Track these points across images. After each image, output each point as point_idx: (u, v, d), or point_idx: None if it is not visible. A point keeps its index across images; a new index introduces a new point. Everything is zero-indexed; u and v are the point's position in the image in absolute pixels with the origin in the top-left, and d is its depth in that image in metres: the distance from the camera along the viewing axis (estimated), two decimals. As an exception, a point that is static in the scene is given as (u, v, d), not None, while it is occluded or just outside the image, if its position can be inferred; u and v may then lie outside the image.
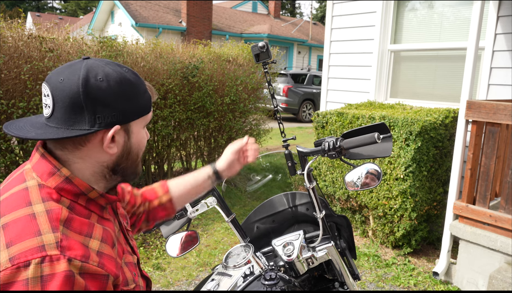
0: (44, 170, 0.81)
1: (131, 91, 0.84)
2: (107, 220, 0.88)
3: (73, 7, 45.50)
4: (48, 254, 0.69)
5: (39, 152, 0.84)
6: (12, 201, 0.77)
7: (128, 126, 0.85)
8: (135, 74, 0.87)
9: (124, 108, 0.82)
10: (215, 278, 1.32)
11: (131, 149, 0.88)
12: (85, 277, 0.72)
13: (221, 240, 3.72)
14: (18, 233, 0.71)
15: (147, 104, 0.88)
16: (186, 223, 1.42)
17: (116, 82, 0.81)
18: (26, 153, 3.56)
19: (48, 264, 0.68)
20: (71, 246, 0.73)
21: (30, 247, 0.69)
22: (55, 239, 0.71)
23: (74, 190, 0.81)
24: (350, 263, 1.56)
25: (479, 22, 2.82)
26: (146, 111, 0.88)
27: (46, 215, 0.74)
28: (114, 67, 0.83)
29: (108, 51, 4.01)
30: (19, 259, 0.68)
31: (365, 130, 1.24)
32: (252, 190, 1.69)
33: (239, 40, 11.48)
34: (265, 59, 1.37)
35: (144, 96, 0.87)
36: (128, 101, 0.83)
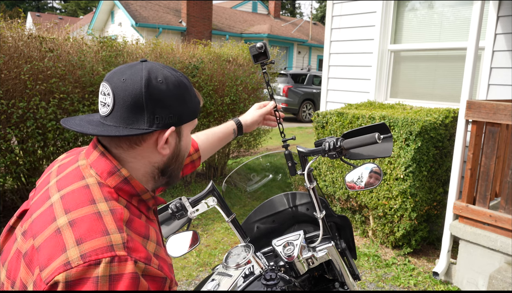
0: (104, 168, 0.82)
1: (186, 94, 0.87)
2: (152, 221, 0.90)
3: (73, 7, 45.49)
4: (117, 254, 0.70)
5: (98, 149, 0.85)
6: (75, 198, 0.78)
7: (180, 129, 0.88)
8: (188, 79, 0.90)
9: (179, 110, 0.85)
10: (215, 278, 1.32)
11: (180, 151, 0.91)
12: (147, 279, 0.73)
13: (221, 240, 3.72)
14: (87, 230, 0.72)
15: (197, 109, 0.91)
16: (186, 223, 1.42)
17: (174, 85, 0.84)
18: (26, 153, 3.56)
19: (117, 264, 0.69)
20: (136, 247, 0.74)
21: (100, 246, 0.70)
22: (122, 240, 0.72)
23: (130, 191, 0.83)
24: (350, 263, 1.56)
25: (479, 22, 2.82)
26: (196, 115, 0.91)
27: (111, 215, 0.76)
28: (171, 71, 0.86)
29: (108, 51, 4.01)
30: (90, 256, 0.69)
31: (366, 131, 1.24)
32: (252, 190, 1.69)
33: (239, 40, 11.50)
34: (264, 60, 1.37)
35: (195, 100, 0.91)
36: (184, 104, 0.86)
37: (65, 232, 0.72)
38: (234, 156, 5.91)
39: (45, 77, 3.51)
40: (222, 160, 5.64)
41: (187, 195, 4.81)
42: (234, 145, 5.69)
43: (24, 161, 3.59)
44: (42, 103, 3.42)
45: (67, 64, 3.66)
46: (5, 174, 3.53)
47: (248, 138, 5.77)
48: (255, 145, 5.88)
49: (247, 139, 5.75)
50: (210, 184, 1.40)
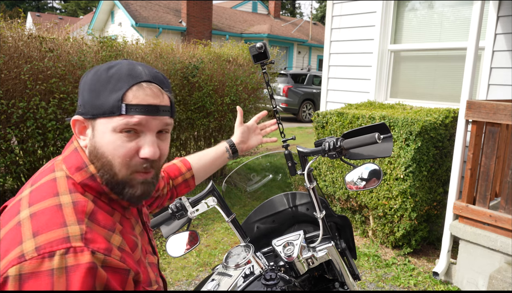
0: (73, 163, 0.83)
1: (99, 85, 0.81)
2: (128, 220, 0.89)
3: (73, 7, 45.49)
4: (72, 245, 0.70)
5: (73, 145, 0.86)
6: (41, 191, 0.79)
7: (94, 123, 0.81)
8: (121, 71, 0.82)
9: (88, 101, 0.81)
10: (215, 278, 1.32)
11: (95, 148, 0.82)
12: (107, 270, 0.73)
13: (221, 240, 3.72)
14: (45, 223, 0.72)
15: (112, 105, 0.79)
16: (186, 223, 1.42)
17: (92, 74, 0.83)
18: (26, 153, 3.56)
19: (73, 255, 0.69)
20: (95, 238, 0.74)
21: (56, 238, 0.70)
22: (80, 231, 0.72)
23: (97, 188, 0.82)
24: (350, 263, 1.56)
25: (479, 22, 2.82)
26: (108, 112, 0.79)
27: (72, 207, 0.76)
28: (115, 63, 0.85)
29: (108, 51, 4.01)
30: (44, 249, 0.69)
31: (366, 131, 1.24)
32: (252, 190, 1.69)
33: (239, 40, 11.50)
34: (263, 60, 1.37)
35: (111, 95, 0.79)
36: (92, 95, 0.81)
37: (24, 225, 0.73)
38: (234, 156, 5.90)
39: (45, 77, 3.51)
40: (222, 160, 5.64)
41: (187, 195, 4.81)
42: (234, 145, 5.68)
43: (24, 161, 3.58)
44: (42, 103, 3.41)
45: (67, 64, 3.66)
46: (5, 174, 3.52)
47: (248, 138, 5.76)
48: (255, 145, 5.87)
49: (247, 139, 5.74)
50: (210, 184, 1.40)
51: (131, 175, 0.82)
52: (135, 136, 0.82)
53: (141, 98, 0.80)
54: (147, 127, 0.82)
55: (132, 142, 0.81)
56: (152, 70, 0.86)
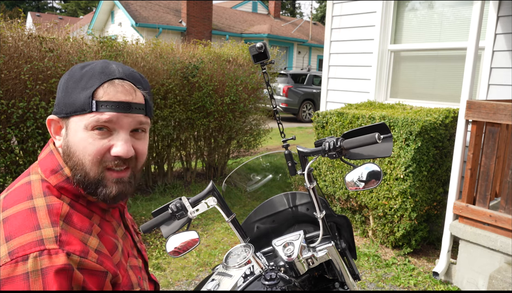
0: (48, 166, 0.82)
1: (71, 83, 0.81)
2: (109, 223, 0.88)
3: (73, 7, 45.49)
4: (46, 247, 0.69)
5: (49, 148, 0.85)
6: (14, 195, 0.78)
7: (67, 122, 0.81)
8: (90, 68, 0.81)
9: (60, 99, 0.82)
10: (215, 278, 1.32)
11: (69, 147, 0.81)
12: (83, 272, 0.72)
13: (221, 240, 3.72)
14: (18, 227, 0.71)
15: (83, 102, 0.78)
16: (186, 223, 1.42)
17: (67, 73, 0.84)
18: (26, 153, 3.56)
19: (47, 257, 0.68)
20: (70, 241, 0.73)
21: (29, 241, 0.69)
22: (54, 233, 0.71)
23: (74, 191, 0.81)
24: (350, 263, 1.56)
25: (479, 22, 2.82)
26: (80, 109, 0.78)
27: (46, 209, 0.75)
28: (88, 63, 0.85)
29: (108, 51, 4.01)
30: (17, 253, 0.68)
31: (366, 131, 1.24)
32: (252, 190, 1.69)
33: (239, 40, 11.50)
34: (263, 60, 1.37)
35: (82, 92, 0.79)
36: (63, 93, 0.82)
37: None
38: (234, 156, 5.91)
39: (45, 77, 3.51)
40: (222, 160, 5.64)
41: (187, 195, 4.81)
42: (234, 145, 5.69)
43: (24, 161, 3.58)
44: (42, 103, 3.41)
45: (67, 64, 3.66)
46: (5, 174, 3.52)
47: (248, 138, 5.77)
48: (255, 145, 5.88)
49: (247, 139, 5.75)
50: (210, 184, 1.40)
51: (102, 173, 0.80)
52: (108, 134, 0.80)
53: (111, 95, 0.79)
54: (119, 124, 0.80)
55: (104, 140, 0.79)
56: (128, 69, 0.85)
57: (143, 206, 4.40)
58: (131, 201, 4.50)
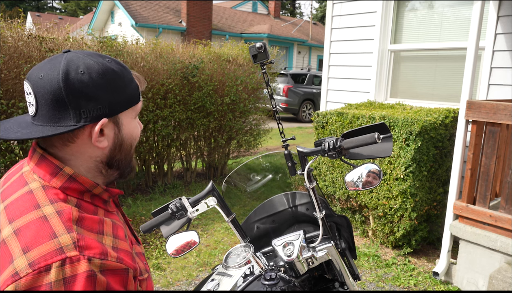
0: (46, 170, 0.79)
1: (115, 82, 0.81)
2: (112, 213, 0.88)
3: (73, 7, 45.48)
4: (67, 255, 0.68)
5: (37, 152, 0.82)
6: (19, 206, 0.75)
7: (116, 119, 0.82)
8: (119, 64, 0.84)
9: (109, 100, 0.79)
10: (215, 278, 1.32)
11: (123, 140, 0.86)
12: (106, 274, 0.71)
13: (221, 240, 3.71)
14: (33, 237, 0.69)
15: (135, 94, 0.85)
16: (186, 223, 1.42)
17: (99, 73, 0.78)
18: (26, 153, 3.56)
19: (69, 266, 0.67)
20: (88, 245, 0.72)
21: (49, 250, 0.68)
22: (72, 240, 0.70)
23: (79, 188, 0.80)
24: (350, 263, 1.56)
25: (479, 22, 2.82)
26: (134, 102, 0.86)
27: (57, 216, 0.73)
28: (95, 59, 0.80)
29: (108, 51, 4.01)
30: (39, 263, 0.66)
31: (365, 131, 1.24)
32: (252, 190, 1.69)
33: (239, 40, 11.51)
34: (263, 60, 1.37)
35: (131, 86, 0.85)
36: (113, 92, 0.80)
37: (10, 242, 0.70)
38: (234, 156, 5.91)
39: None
40: (222, 160, 5.64)
41: (187, 195, 4.81)
42: (234, 145, 5.69)
43: (24, 161, 3.58)
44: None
45: (67, 64, 3.66)
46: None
47: (248, 138, 5.77)
48: (255, 145, 5.88)
49: (247, 139, 5.75)
50: (210, 184, 1.40)
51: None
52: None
53: (142, 82, 0.92)
54: None
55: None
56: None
57: (143, 206, 4.40)
58: (131, 201, 4.50)
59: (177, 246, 1.37)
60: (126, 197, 4.61)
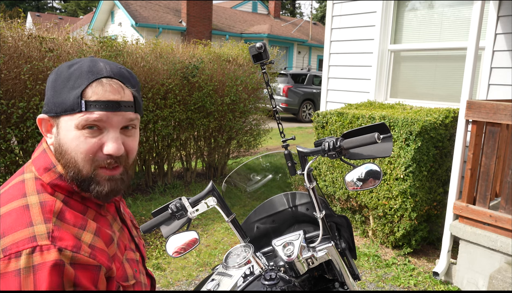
0: (42, 164, 0.83)
1: (59, 82, 0.81)
2: (104, 217, 0.89)
3: (73, 7, 45.48)
4: (39, 244, 0.70)
5: (42, 146, 0.86)
6: (9, 193, 0.79)
7: (57, 121, 0.82)
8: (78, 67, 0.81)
9: (49, 98, 0.82)
10: (215, 278, 1.32)
11: (62, 145, 0.81)
12: (76, 267, 0.72)
13: (221, 240, 3.71)
14: (11, 224, 0.72)
15: (72, 101, 0.79)
16: (186, 223, 1.42)
17: (54, 72, 0.83)
18: (26, 153, 3.56)
19: (39, 253, 0.69)
20: (63, 236, 0.73)
21: (22, 238, 0.70)
22: (47, 229, 0.72)
23: (67, 188, 0.82)
24: (350, 263, 1.56)
25: (479, 22, 2.82)
26: (70, 108, 0.79)
27: (39, 207, 0.76)
28: (72, 61, 0.85)
29: (108, 51, 4.01)
30: (11, 250, 0.69)
31: (365, 131, 1.24)
32: (252, 190, 1.69)
33: (239, 40, 11.51)
34: (263, 60, 1.37)
35: (71, 92, 0.79)
36: (52, 92, 0.82)
37: None
38: (234, 156, 5.91)
39: (45, 77, 3.51)
40: (222, 160, 5.64)
41: (187, 195, 4.81)
42: (234, 145, 5.69)
43: (24, 161, 3.58)
44: (42, 103, 3.41)
45: (67, 64, 3.66)
46: (5, 174, 3.52)
47: (248, 138, 5.77)
48: (255, 145, 5.88)
49: (247, 139, 5.75)
50: (210, 184, 1.40)
51: (95, 171, 0.82)
52: (98, 132, 0.81)
53: (100, 94, 0.79)
54: (109, 123, 0.81)
55: (95, 138, 0.81)
56: (115, 66, 0.85)
57: (143, 206, 4.40)
58: (131, 201, 4.50)
59: (177, 246, 1.37)
60: (126, 197, 4.61)
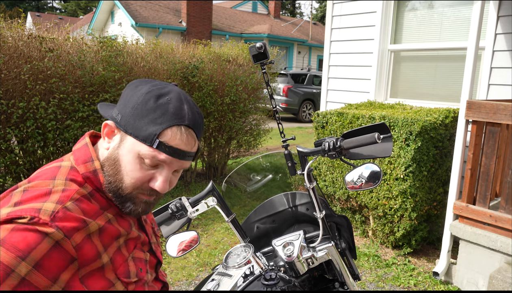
0: (81, 156, 0.87)
1: (144, 109, 0.83)
2: (124, 219, 0.91)
3: (73, 7, 45.47)
4: (39, 216, 0.72)
5: (85, 140, 0.90)
6: (43, 173, 0.83)
7: (124, 136, 0.84)
8: (166, 103, 0.83)
9: (128, 115, 0.84)
10: (215, 278, 1.32)
11: (117, 158, 0.85)
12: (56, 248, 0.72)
13: (221, 240, 3.72)
14: (30, 198, 0.76)
15: (146, 135, 0.81)
16: (186, 223, 1.42)
17: (143, 93, 0.84)
18: (26, 153, 3.56)
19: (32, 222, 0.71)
20: (65, 219, 0.75)
21: (29, 208, 0.73)
22: (53, 209, 0.75)
23: (97, 184, 0.86)
24: (350, 263, 1.56)
25: (479, 22, 2.82)
26: (142, 139, 0.82)
27: (61, 192, 0.79)
28: (174, 94, 0.86)
29: (108, 51, 4.01)
30: (15, 213, 0.72)
31: (365, 131, 1.24)
32: (252, 190, 1.69)
33: (239, 40, 11.51)
34: (263, 60, 1.37)
35: (149, 125, 0.81)
36: (134, 113, 0.83)
37: (14, 195, 0.77)
38: (234, 156, 5.91)
39: (45, 77, 3.51)
40: (222, 160, 5.64)
41: (187, 195, 4.81)
42: (234, 145, 5.69)
43: (24, 161, 3.58)
44: (42, 103, 3.41)
45: (67, 64, 3.66)
46: (5, 174, 3.52)
47: (248, 138, 5.77)
48: (255, 145, 5.88)
49: (247, 139, 5.75)
50: (210, 184, 1.40)
51: (136, 194, 0.87)
52: (155, 167, 0.85)
53: (175, 142, 0.83)
54: (168, 165, 0.85)
55: (149, 171, 0.85)
56: (195, 112, 0.87)
57: (143, 206, 4.39)
58: (131, 201, 4.50)
59: (177, 246, 1.37)
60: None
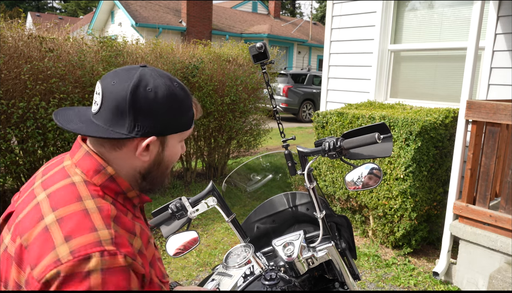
0: (90, 167, 0.84)
1: (176, 107, 0.86)
2: (138, 218, 0.91)
3: (73, 7, 45.47)
4: (106, 248, 0.72)
5: (83, 149, 0.86)
6: (62, 195, 0.79)
7: (164, 139, 0.87)
8: (184, 90, 0.89)
9: (164, 122, 0.84)
10: (215, 278, 1.32)
11: (163, 160, 0.90)
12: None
13: (221, 240, 3.72)
14: (75, 227, 0.74)
15: (188, 122, 0.90)
16: (186, 223, 1.42)
17: (164, 96, 0.83)
18: (26, 153, 3.56)
19: (108, 258, 0.72)
20: (123, 243, 0.76)
21: (89, 241, 0.72)
22: (110, 235, 0.75)
23: (116, 189, 0.85)
24: (350, 263, 1.56)
25: (479, 22, 2.82)
26: (186, 128, 0.90)
27: (98, 212, 0.77)
28: (165, 80, 0.85)
29: (108, 51, 4.01)
30: (79, 252, 0.70)
31: (366, 131, 1.24)
32: (252, 190, 1.69)
33: (239, 40, 11.51)
34: (263, 60, 1.37)
35: (188, 114, 0.89)
36: (170, 116, 0.85)
37: (53, 230, 0.74)
38: (234, 156, 5.91)
39: (45, 77, 3.51)
40: (222, 160, 5.64)
41: (187, 195, 4.81)
42: (234, 145, 5.69)
43: (24, 161, 3.58)
44: (42, 103, 3.41)
45: (67, 64, 3.66)
46: (5, 174, 3.52)
47: (248, 138, 5.77)
48: (255, 145, 5.88)
49: (247, 139, 5.75)
50: (210, 184, 1.40)
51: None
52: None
53: (199, 111, 0.96)
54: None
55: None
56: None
57: (143, 206, 4.40)
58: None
59: (177, 246, 1.37)
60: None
